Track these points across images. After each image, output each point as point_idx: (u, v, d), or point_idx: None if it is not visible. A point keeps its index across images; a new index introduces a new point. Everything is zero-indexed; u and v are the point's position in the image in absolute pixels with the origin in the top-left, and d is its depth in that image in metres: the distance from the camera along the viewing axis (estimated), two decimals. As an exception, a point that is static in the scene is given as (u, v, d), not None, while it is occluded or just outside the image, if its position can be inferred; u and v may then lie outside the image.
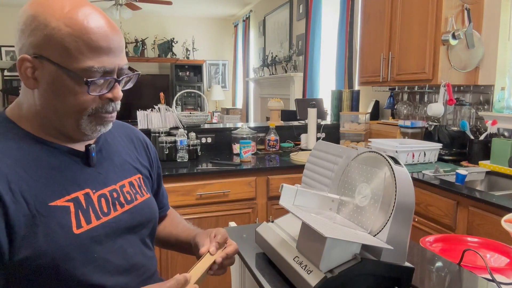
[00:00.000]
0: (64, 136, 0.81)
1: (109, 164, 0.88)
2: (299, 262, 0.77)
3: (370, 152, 0.81)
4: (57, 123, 0.78)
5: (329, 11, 4.25)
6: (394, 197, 0.71)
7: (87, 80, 0.74)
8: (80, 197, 0.78)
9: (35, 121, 0.79)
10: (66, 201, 0.76)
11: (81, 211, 0.77)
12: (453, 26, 2.26)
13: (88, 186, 0.81)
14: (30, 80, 0.75)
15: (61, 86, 0.74)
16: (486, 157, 2.14)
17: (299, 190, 0.82)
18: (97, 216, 0.80)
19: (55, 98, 0.75)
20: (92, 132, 0.80)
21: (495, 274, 0.85)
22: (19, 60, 0.74)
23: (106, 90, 0.78)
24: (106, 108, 0.79)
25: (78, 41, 0.72)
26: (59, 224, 0.73)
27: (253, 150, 2.74)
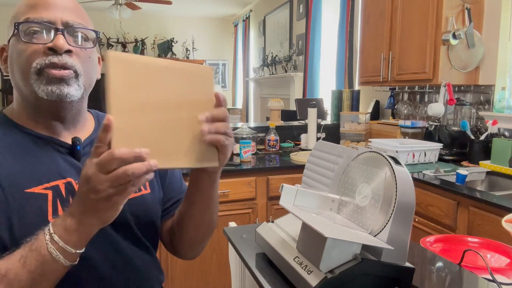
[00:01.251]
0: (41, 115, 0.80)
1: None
2: (299, 262, 0.76)
3: (370, 152, 0.81)
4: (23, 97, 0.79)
5: (329, 11, 4.25)
6: (394, 197, 0.71)
7: (15, 23, 0.75)
8: (61, 186, 0.76)
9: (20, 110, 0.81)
10: (44, 188, 0.74)
11: (59, 200, 0.75)
12: (454, 26, 2.25)
13: (71, 176, 0.78)
14: (4, 65, 0.80)
15: (13, 53, 0.76)
16: (486, 157, 2.14)
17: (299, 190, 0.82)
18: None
19: (13, 70, 0.77)
20: (46, 94, 0.75)
21: (495, 274, 0.85)
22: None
23: (49, 41, 0.75)
24: (49, 59, 0.74)
25: (21, 5, 0.78)
26: (34, 211, 0.72)
27: (253, 150, 2.74)
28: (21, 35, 0.74)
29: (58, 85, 0.75)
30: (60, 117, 0.81)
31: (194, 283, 2.29)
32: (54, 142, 0.80)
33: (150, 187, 0.91)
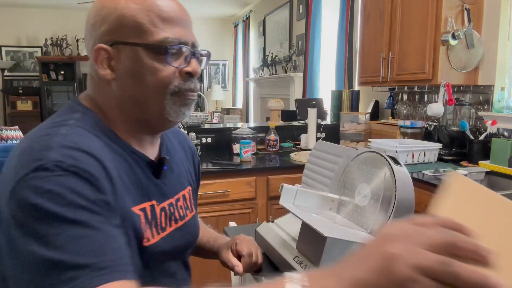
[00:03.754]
0: (142, 131, 0.76)
1: (171, 175, 0.83)
2: (299, 262, 0.77)
3: (370, 152, 0.81)
4: (139, 112, 0.73)
5: (329, 11, 4.26)
6: (394, 197, 0.71)
7: (166, 47, 0.70)
8: (147, 208, 0.74)
9: (116, 119, 0.74)
10: (139, 209, 0.72)
11: (147, 223, 0.73)
12: (453, 26, 2.26)
13: (154, 198, 0.76)
14: (107, 71, 0.71)
15: (140, 66, 0.70)
16: (486, 157, 2.15)
17: (299, 190, 0.83)
18: (157, 231, 0.75)
19: (136, 83, 0.71)
20: (176, 116, 0.74)
21: (494, 273, 0.86)
22: (95, 50, 0.70)
23: (185, 64, 0.73)
24: (188, 85, 0.74)
25: (150, 14, 0.70)
26: (134, 232, 0.69)
27: (253, 150, 2.74)
28: (157, 53, 0.70)
29: (189, 108, 0.76)
30: (151, 141, 0.80)
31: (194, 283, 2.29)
32: (145, 160, 0.77)
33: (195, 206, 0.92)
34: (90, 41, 0.73)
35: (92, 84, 0.76)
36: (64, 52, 6.86)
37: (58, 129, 0.65)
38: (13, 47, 6.82)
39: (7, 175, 0.61)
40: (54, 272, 0.53)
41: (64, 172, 0.58)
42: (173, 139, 0.90)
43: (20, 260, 0.56)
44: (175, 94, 0.73)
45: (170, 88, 0.72)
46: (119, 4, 0.70)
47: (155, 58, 0.70)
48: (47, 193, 0.56)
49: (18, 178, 0.58)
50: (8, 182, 0.59)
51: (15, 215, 0.57)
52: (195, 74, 0.74)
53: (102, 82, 0.73)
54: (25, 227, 0.56)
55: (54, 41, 6.82)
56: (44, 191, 0.56)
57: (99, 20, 0.71)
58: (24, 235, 0.55)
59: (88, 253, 0.55)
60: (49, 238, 0.55)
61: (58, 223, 0.56)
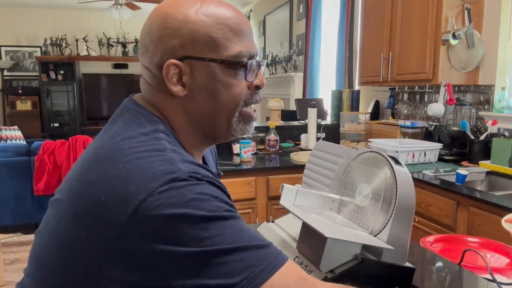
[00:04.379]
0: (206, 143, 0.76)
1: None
2: (299, 262, 0.76)
3: (370, 152, 0.81)
4: (209, 126, 0.72)
5: (329, 11, 4.25)
6: (394, 197, 0.71)
7: (245, 63, 0.68)
8: None
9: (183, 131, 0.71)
10: None
11: None
12: (453, 26, 2.26)
13: None
14: (178, 87, 0.68)
15: (215, 82, 0.68)
16: (486, 157, 2.14)
17: (299, 190, 0.82)
18: None
19: (210, 99, 0.69)
20: (241, 133, 0.75)
21: (495, 274, 0.85)
22: (165, 67, 0.66)
23: (253, 77, 0.72)
24: (255, 98, 0.73)
25: (223, 28, 0.67)
26: None
27: (253, 150, 2.74)
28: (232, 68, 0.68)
29: (252, 126, 0.77)
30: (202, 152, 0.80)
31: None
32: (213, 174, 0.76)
33: None
34: (155, 54, 0.68)
35: (155, 95, 0.71)
36: (63, 52, 6.86)
37: (160, 143, 0.63)
38: (13, 47, 6.82)
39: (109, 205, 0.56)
40: (247, 257, 0.56)
41: (200, 181, 0.59)
42: None
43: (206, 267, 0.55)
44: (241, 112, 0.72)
45: (240, 105, 0.71)
46: (190, 17, 0.67)
47: (229, 73, 0.69)
48: (192, 200, 0.56)
49: (143, 196, 0.54)
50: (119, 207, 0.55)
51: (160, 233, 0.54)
52: (263, 86, 0.74)
53: (169, 96, 0.69)
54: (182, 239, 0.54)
55: (53, 41, 6.82)
56: (189, 199, 0.56)
57: (169, 33, 0.67)
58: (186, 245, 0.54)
59: (259, 239, 0.59)
60: (215, 238, 0.55)
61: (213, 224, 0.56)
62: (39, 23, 6.88)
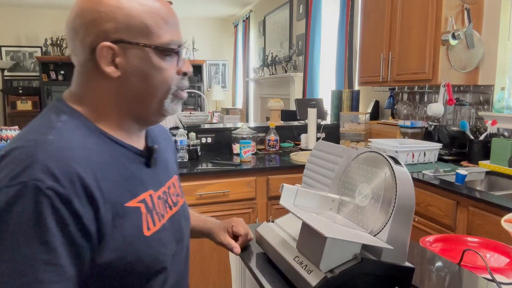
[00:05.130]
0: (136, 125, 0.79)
1: (160, 164, 0.85)
2: (299, 262, 0.77)
3: (370, 152, 0.81)
4: (139, 108, 0.76)
5: (329, 11, 4.26)
6: (394, 197, 0.71)
7: (177, 50, 0.75)
8: (147, 198, 0.76)
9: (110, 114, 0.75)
10: (138, 201, 0.74)
11: (149, 213, 0.75)
12: (453, 26, 2.26)
13: (150, 187, 0.78)
14: (111, 68, 0.71)
15: (149, 66, 0.72)
16: (486, 157, 2.15)
17: (299, 190, 0.83)
18: (159, 218, 0.78)
19: (143, 81, 0.73)
20: (171, 112, 0.79)
21: (495, 274, 0.86)
22: (100, 48, 0.69)
23: (181, 64, 0.78)
24: (183, 84, 0.79)
25: (155, 16, 0.72)
26: (133, 225, 0.71)
27: (253, 150, 2.74)
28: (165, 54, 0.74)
29: (181, 105, 0.82)
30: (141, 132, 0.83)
31: (194, 282, 2.29)
32: (135, 152, 0.78)
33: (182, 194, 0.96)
34: (87, 37, 0.70)
35: (82, 80, 0.74)
36: (64, 52, 6.86)
37: (45, 136, 0.66)
38: (13, 47, 6.82)
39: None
40: None
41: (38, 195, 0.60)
42: (155, 129, 0.92)
43: None
44: (174, 93, 0.77)
45: (172, 88, 0.76)
46: (123, 4, 0.70)
47: (162, 59, 0.74)
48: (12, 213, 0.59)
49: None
50: None
51: None
52: (190, 73, 0.80)
53: (99, 78, 0.72)
54: None
55: (54, 41, 6.82)
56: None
57: (102, 17, 0.69)
58: None
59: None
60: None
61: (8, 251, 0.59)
62: (39, 23, 6.88)
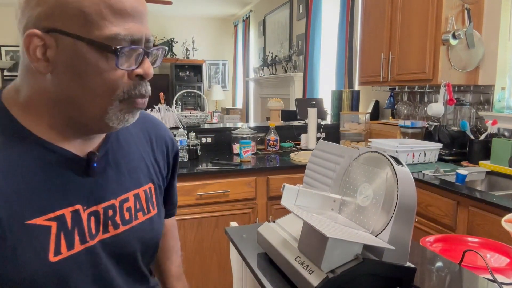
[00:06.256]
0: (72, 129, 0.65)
1: (114, 172, 0.72)
2: (300, 262, 0.77)
3: (372, 152, 0.81)
4: (75, 113, 0.63)
5: (329, 11, 4.26)
6: (396, 197, 0.71)
7: (115, 48, 0.59)
8: (67, 215, 0.63)
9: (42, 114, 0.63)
10: (48, 219, 0.61)
11: (63, 233, 0.62)
12: (453, 26, 2.26)
13: (79, 201, 0.65)
14: (41, 62, 0.59)
15: (83, 63, 0.59)
16: (486, 157, 2.14)
17: (300, 190, 0.82)
18: (82, 240, 0.65)
19: (75, 81, 0.60)
20: (118, 123, 0.64)
21: (495, 274, 0.86)
22: (26, 37, 0.58)
23: (135, 65, 0.63)
24: (139, 90, 0.63)
25: (100, 4, 0.58)
26: (33, 248, 0.59)
27: (253, 150, 2.74)
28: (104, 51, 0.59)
29: (135, 116, 0.67)
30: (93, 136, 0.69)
31: (194, 283, 2.29)
32: (66, 157, 0.65)
33: (157, 206, 0.80)
34: (21, 21, 0.60)
35: (21, 71, 0.65)
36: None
37: None
38: (13, 47, 6.82)
39: None
40: None
41: None
42: (134, 127, 0.77)
43: None
44: (124, 100, 0.63)
45: (117, 94, 0.62)
46: None
47: (101, 57, 0.59)
48: None
49: None
50: None
51: None
52: (147, 77, 0.64)
53: (33, 72, 0.62)
54: None
55: (53, 40, 6.82)
56: None
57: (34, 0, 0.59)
58: None
59: None
60: None
61: None
62: (39, 23, 6.89)
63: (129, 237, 0.72)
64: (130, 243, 0.72)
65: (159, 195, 0.82)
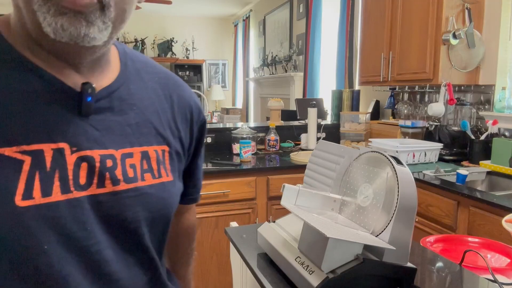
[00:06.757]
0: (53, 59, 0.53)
1: (117, 120, 0.58)
2: (300, 263, 0.76)
3: (372, 152, 0.81)
4: (27, 23, 0.51)
5: (329, 10, 4.25)
6: (396, 197, 0.71)
7: None
8: (46, 153, 0.50)
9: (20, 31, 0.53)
10: (20, 152, 0.49)
11: (39, 174, 0.49)
12: (454, 25, 2.26)
13: (66, 140, 0.52)
14: None
15: None
16: (486, 157, 2.14)
17: (300, 190, 0.82)
18: (64, 188, 0.51)
19: None
20: (53, 31, 0.48)
21: (496, 274, 0.85)
22: None
23: None
24: None
25: None
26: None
27: (253, 150, 2.74)
28: None
29: (73, 21, 0.48)
30: (74, 63, 0.55)
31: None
32: (55, 86, 0.53)
33: (172, 174, 0.64)
34: None
35: None
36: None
37: None
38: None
39: None
40: None
41: None
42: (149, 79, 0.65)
43: None
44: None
45: None
46: None
47: None
48: None
49: None
50: None
51: None
52: None
53: None
54: None
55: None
56: None
57: None
58: None
59: None
60: None
61: None
62: (39, 22, 6.88)
63: (132, 200, 0.57)
64: (133, 209, 0.57)
65: (177, 163, 0.66)
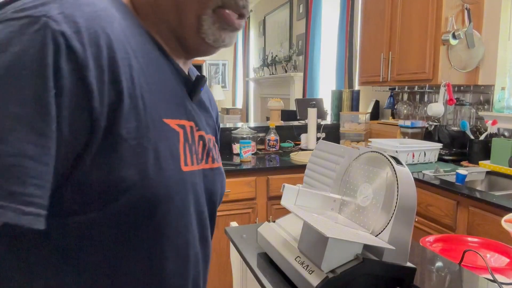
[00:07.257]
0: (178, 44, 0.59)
1: (202, 109, 0.65)
2: (300, 262, 0.77)
3: (372, 152, 0.81)
4: (174, 20, 0.56)
5: (329, 11, 4.26)
6: (396, 197, 0.71)
7: None
8: (187, 128, 0.56)
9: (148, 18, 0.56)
10: (178, 125, 0.54)
11: (188, 145, 0.56)
12: (453, 26, 2.26)
13: (192, 119, 0.58)
14: None
15: None
16: (486, 157, 2.15)
17: (300, 190, 0.82)
18: (196, 160, 0.58)
19: None
20: (214, 41, 0.56)
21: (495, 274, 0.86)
22: None
23: None
24: (236, 1, 0.55)
25: None
26: (169, 149, 0.51)
27: (253, 150, 2.74)
28: None
29: (232, 36, 0.58)
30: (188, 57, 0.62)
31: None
32: (182, 74, 0.59)
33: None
34: None
35: None
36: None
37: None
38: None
39: None
40: None
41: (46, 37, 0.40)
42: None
43: None
44: (217, 10, 0.55)
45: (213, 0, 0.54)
46: None
47: None
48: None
49: None
50: None
51: None
52: None
53: None
54: None
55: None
56: None
57: None
58: None
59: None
60: None
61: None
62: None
63: (218, 176, 0.64)
64: (218, 184, 0.64)
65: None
